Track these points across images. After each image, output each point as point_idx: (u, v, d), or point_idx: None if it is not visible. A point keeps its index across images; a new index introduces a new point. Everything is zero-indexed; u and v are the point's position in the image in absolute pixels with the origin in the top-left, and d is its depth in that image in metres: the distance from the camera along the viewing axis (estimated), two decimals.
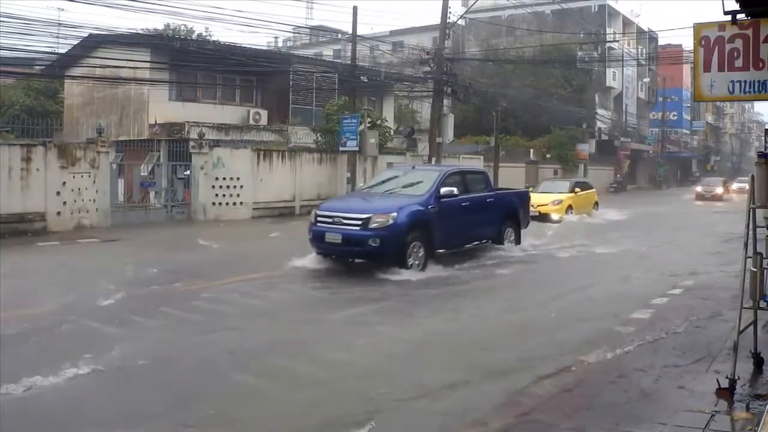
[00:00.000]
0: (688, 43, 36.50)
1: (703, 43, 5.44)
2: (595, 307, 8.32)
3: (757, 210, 5.07)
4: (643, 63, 53.73)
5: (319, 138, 24.14)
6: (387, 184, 11.99)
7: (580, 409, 4.69)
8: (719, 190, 36.90)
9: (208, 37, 33.30)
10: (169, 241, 14.58)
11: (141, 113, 23.06)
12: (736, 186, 44.53)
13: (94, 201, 16.33)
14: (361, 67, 27.71)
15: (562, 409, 4.68)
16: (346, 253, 10.61)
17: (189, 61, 23.00)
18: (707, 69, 5.42)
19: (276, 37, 54.41)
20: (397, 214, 10.16)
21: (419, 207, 10.61)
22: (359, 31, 24.96)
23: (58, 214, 15.38)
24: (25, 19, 28.90)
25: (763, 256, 5.03)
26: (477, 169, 15.44)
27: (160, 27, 33.52)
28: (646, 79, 56.69)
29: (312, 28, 49.16)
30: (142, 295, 8.51)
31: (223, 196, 19.39)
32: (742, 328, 4.97)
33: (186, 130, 21.12)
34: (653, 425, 4.34)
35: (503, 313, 8.06)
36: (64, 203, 15.53)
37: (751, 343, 5.33)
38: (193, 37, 33.05)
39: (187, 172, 19.32)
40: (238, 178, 19.65)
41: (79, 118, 25.98)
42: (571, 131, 40.13)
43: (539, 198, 21.05)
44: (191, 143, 19.60)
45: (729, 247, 13.95)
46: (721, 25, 5.36)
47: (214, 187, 19.18)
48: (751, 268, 5.00)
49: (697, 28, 5.50)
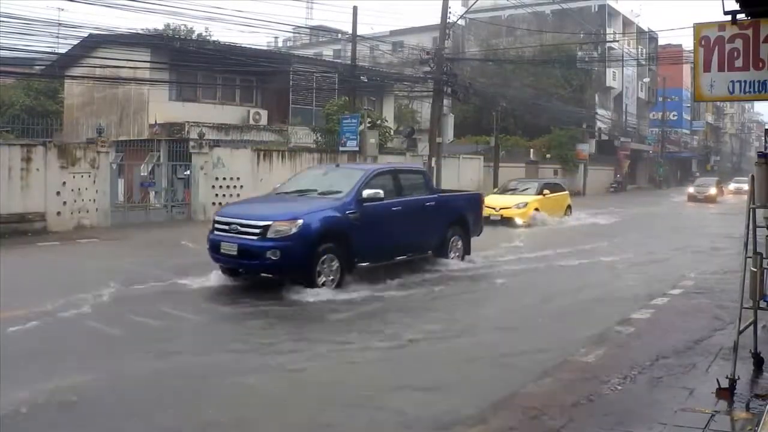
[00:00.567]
0: (688, 43, 36.54)
1: (703, 43, 5.44)
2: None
3: (757, 210, 5.08)
4: (643, 63, 53.73)
5: (319, 138, 24.14)
6: (304, 185, 10.17)
7: (579, 409, 4.69)
8: (713, 191, 35.06)
9: (208, 37, 33.30)
10: (167, 241, 14.57)
11: (141, 113, 23.07)
12: (733, 186, 43.43)
13: (94, 201, 16.32)
14: (361, 67, 27.74)
15: (562, 409, 4.68)
16: (244, 267, 8.91)
17: (189, 61, 23.01)
18: (707, 69, 5.42)
19: (276, 37, 54.48)
20: (303, 221, 8.47)
21: (334, 213, 8.89)
22: (359, 31, 24.99)
23: (58, 214, 15.38)
24: (25, 19, 28.97)
25: (763, 256, 5.03)
26: (414, 168, 13.22)
27: (160, 27, 33.55)
28: (646, 79, 56.69)
29: (312, 28, 49.16)
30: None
31: (223, 196, 19.37)
32: (742, 328, 4.97)
33: (186, 130, 21.12)
34: (653, 425, 4.34)
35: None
36: (64, 203, 15.53)
37: (751, 343, 5.34)
38: (193, 37, 33.05)
39: (187, 172, 19.32)
40: (238, 178, 19.64)
41: (79, 118, 25.99)
42: (571, 131, 40.13)
43: (502, 200, 19.74)
44: (191, 143, 19.60)
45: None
46: (721, 25, 5.36)
47: (214, 187, 19.17)
48: (751, 268, 5.00)
49: (697, 28, 5.50)
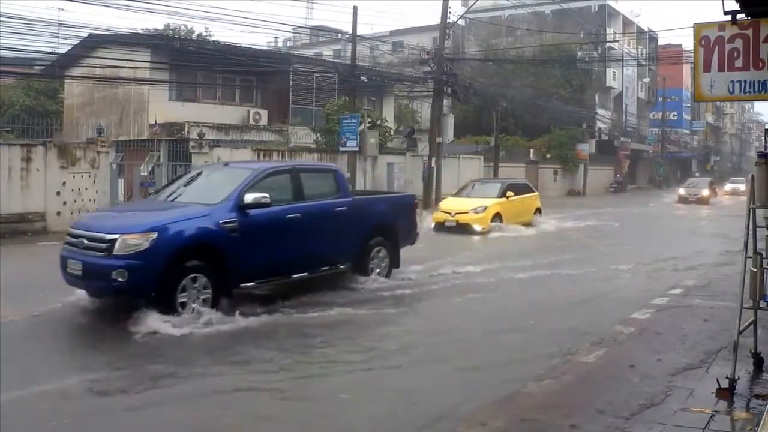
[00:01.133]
0: (688, 43, 36.53)
1: (703, 43, 5.44)
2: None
3: (757, 210, 5.08)
4: (643, 63, 53.74)
5: (319, 138, 24.14)
6: (183, 187, 8.58)
7: (579, 409, 4.69)
8: (705, 193, 33.01)
9: (208, 37, 33.31)
10: None
11: (141, 113, 23.06)
12: (729, 187, 42.82)
13: (94, 201, 16.32)
14: (361, 67, 27.72)
15: (562, 409, 4.68)
16: (90, 289, 7.44)
17: (189, 61, 23.00)
18: (707, 69, 5.43)
19: (276, 37, 54.52)
20: (159, 234, 6.87)
21: (202, 223, 7.24)
22: (359, 31, 24.97)
23: (58, 214, 15.39)
24: (25, 19, 28.94)
25: (763, 256, 5.04)
26: (322, 167, 11.20)
27: (160, 27, 33.56)
28: (646, 79, 56.71)
29: (312, 28, 49.17)
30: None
31: None
32: (742, 328, 4.98)
33: (186, 130, 21.12)
34: (653, 425, 4.34)
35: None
36: (64, 203, 15.54)
37: (751, 343, 5.34)
38: (193, 37, 33.05)
39: None
40: None
41: (79, 118, 25.99)
42: (571, 131, 40.15)
43: (458, 204, 17.71)
44: (191, 143, 19.59)
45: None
46: (721, 25, 5.36)
47: None
48: (751, 268, 5.00)
49: (697, 28, 5.50)
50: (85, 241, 7.13)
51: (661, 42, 53.72)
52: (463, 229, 16.59)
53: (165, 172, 19.39)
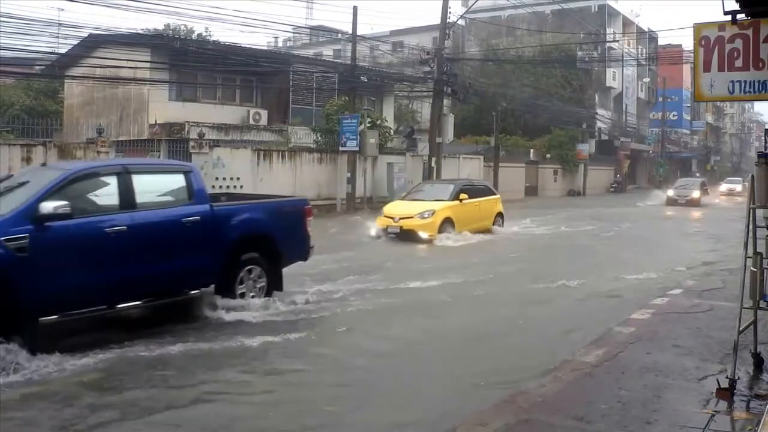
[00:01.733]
0: (688, 43, 36.48)
1: (703, 43, 5.45)
2: None
3: (756, 210, 5.08)
4: (643, 63, 53.76)
5: (319, 138, 24.15)
6: None
7: (579, 409, 4.69)
8: (695, 194, 30.69)
9: (208, 37, 33.32)
10: None
11: (141, 113, 23.07)
12: (725, 187, 42.10)
13: None
14: (361, 67, 27.74)
15: (562, 409, 4.68)
16: None
17: (189, 61, 23.00)
18: (707, 69, 5.43)
19: (276, 37, 54.51)
20: None
21: None
22: (359, 31, 24.99)
23: None
24: (25, 19, 28.92)
25: (763, 256, 5.04)
26: (167, 166, 9.48)
27: (160, 27, 33.57)
28: (646, 79, 56.74)
29: (312, 28, 49.19)
30: None
31: None
32: (742, 328, 4.98)
33: (186, 130, 21.11)
34: (653, 425, 4.35)
35: None
36: None
37: (751, 343, 5.34)
38: (193, 37, 33.07)
39: None
40: (238, 178, 19.65)
41: (79, 118, 25.99)
42: (571, 131, 40.16)
43: (404, 208, 15.72)
44: (191, 143, 19.60)
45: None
46: (721, 25, 5.37)
47: (214, 187, 19.13)
48: (751, 268, 5.00)
49: (697, 28, 5.50)
50: None
51: (661, 42, 53.79)
52: (407, 236, 14.65)
53: None
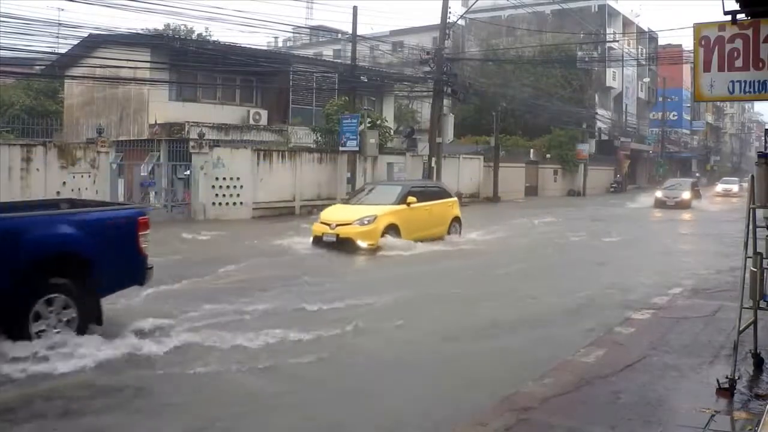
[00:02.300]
0: (688, 43, 36.47)
1: (703, 43, 5.45)
2: None
3: (756, 210, 5.08)
4: (643, 63, 53.77)
5: (319, 138, 24.15)
6: None
7: (579, 409, 4.69)
8: (685, 196, 28.38)
9: (208, 37, 33.34)
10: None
11: (141, 113, 23.07)
12: (720, 188, 41.36)
13: None
14: (361, 67, 27.74)
15: (562, 410, 4.68)
16: None
17: (189, 61, 23.00)
18: (707, 69, 5.43)
19: (276, 37, 54.56)
20: None
21: None
22: (359, 31, 25.00)
23: None
24: (25, 19, 28.96)
25: (763, 256, 5.04)
26: None
27: (160, 27, 33.58)
28: (646, 79, 56.75)
29: (312, 28, 49.20)
30: None
31: (223, 196, 19.40)
32: (742, 328, 4.98)
33: (186, 130, 21.12)
34: (653, 425, 4.35)
35: None
36: None
37: (751, 343, 5.34)
38: (193, 37, 33.07)
39: (187, 172, 19.34)
40: (238, 178, 19.66)
41: (79, 118, 26.00)
42: (571, 131, 40.17)
43: (342, 213, 13.71)
44: (191, 143, 19.61)
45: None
46: (721, 25, 5.37)
47: (214, 187, 19.18)
48: (751, 268, 5.00)
49: (697, 28, 5.50)
50: None
51: (661, 42, 53.82)
52: (345, 245, 12.77)
53: (165, 172, 19.43)
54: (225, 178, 19.39)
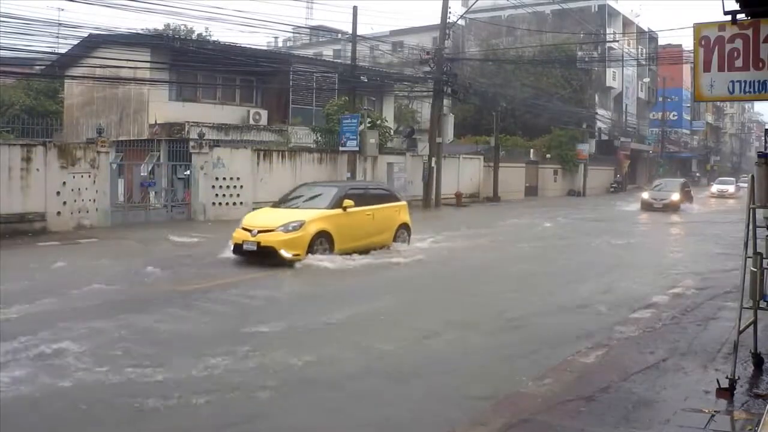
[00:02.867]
0: (688, 43, 36.48)
1: (703, 43, 5.45)
2: None
3: (756, 210, 5.08)
4: (643, 63, 53.76)
5: (319, 138, 24.15)
6: None
7: (580, 409, 4.69)
8: (674, 197, 26.29)
9: (208, 37, 33.33)
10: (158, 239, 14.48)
11: (141, 113, 23.07)
12: (715, 189, 40.53)
13: (94, 201, 16.33)
14: (361, 67, 27.74)
15: (562, 409, 4.68)
16: None
17: (189, 61, 22.99)
18: (707, 69, 5.43)
19: (276, 37, 54.57)
20: None
21: None
22: (359, 31, 25.00)
23: (58, 214, 15.39)
24: (25, 19, 28.93)
25: (763, 256, 5.04)
26: None
27: (160, 27, 33.57)
28: (646, 79, 56.73)
29: (312, 28, 49.20)
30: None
31: (223, 196, 19.40)
32: (742, 328, 4.98)
33: (186, 130, 21.12)
34: (653, 425, 4.35)
35: None
36: (64, 203, 15.54)
37: (751, 343, 5.34)
38: (193, 37, 33.06)
39: (187, 172, 19.34)
40: (238, 178, 19.65)
41: (79, 118, 26.00)
42: (571, 131, 40.18)
43: (266, 218, 11.78)
44: (191, 143, 19.61)
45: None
46: (721, 25, 5.36)
47: (214, 187, 19.18)
48: (751, 268, 5.00)
49: (697, 28, 5.50)
50: None
51: (661, 42, 53.81)
52: (266, 255, 10.96)
53: (165, 172, 19.43)
54: (225, 178, 19.38)
